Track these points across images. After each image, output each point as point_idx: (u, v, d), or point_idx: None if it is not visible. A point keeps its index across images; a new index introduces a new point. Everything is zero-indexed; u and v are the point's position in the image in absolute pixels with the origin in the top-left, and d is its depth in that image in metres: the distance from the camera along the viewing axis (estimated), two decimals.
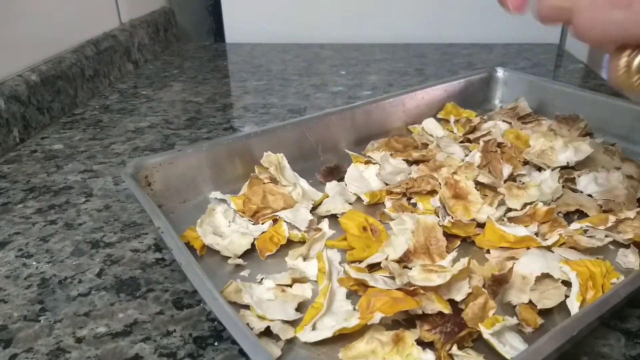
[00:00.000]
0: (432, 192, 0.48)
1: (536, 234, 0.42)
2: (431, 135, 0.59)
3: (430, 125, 0.61)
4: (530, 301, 0.36)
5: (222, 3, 1.11)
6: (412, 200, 0.48)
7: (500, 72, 0.71)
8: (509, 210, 0.46)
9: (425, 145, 0.56)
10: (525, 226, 0.42)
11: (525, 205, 0.45)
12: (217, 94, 0.81)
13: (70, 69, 0.75)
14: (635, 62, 0.29)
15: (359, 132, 0.59)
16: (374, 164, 0.53)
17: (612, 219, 0.41)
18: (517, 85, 0.69)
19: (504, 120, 0.61)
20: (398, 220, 0.43)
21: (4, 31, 0.66)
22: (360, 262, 0.39)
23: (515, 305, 0.35)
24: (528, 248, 0.40)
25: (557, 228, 0.42)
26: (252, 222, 0.45)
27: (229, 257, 0.41)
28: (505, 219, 0.45)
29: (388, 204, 0.48)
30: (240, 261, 0.41)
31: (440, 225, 0.42)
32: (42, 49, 0.73)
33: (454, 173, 0.49)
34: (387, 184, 0.50)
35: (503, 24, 1.06)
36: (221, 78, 0.89)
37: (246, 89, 0.83)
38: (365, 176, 0.52)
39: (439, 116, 0.65)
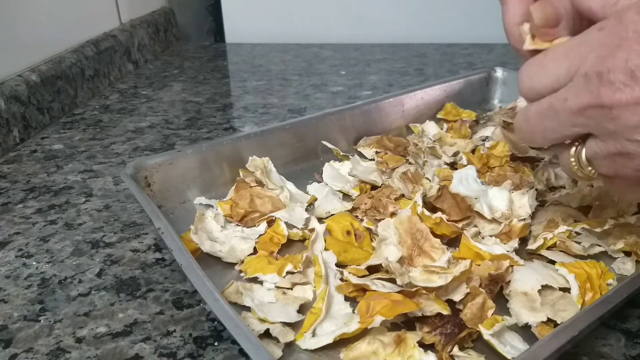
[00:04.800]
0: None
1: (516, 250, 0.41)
2: (430, 139, 0.59)
3: (430, 129, 0.61)
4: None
5: (222, 3, 1.11)
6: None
7: (499, 72, 0.71)
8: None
9: (416, 146, 0.56)
10: (503, 242, 0.41)
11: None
12: (217, 94, 0.81)
13: (70, 69, 0.75)
14: (582, 157, 0.31)
15: (359, 132, 0.59)
16: (348, 159, 0.55)
17: (610, 222, 0.41)
18: (517, 85, 0.68)
19: (504, 120, 0.61)
20: (382, 227, 0.41)
21: (4, 31, 0.66)
22: (358, 265, 0.39)
23: (532, 326, 0.34)
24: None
25: (550, 229, 0.42)
26: (241, 226, 0.45)
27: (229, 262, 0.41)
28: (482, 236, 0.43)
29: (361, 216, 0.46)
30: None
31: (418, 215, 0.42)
32: (42, 49, 0.73)
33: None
34: (362, 181, 0.51)
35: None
36: (221, 78, 0.89)
37: (246, 89, 0.83)
38: (342, 173, 0.53)
39: (438, 116, 0.65)
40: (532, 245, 0.41)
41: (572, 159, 0.32)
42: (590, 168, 0.32)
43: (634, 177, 0.30)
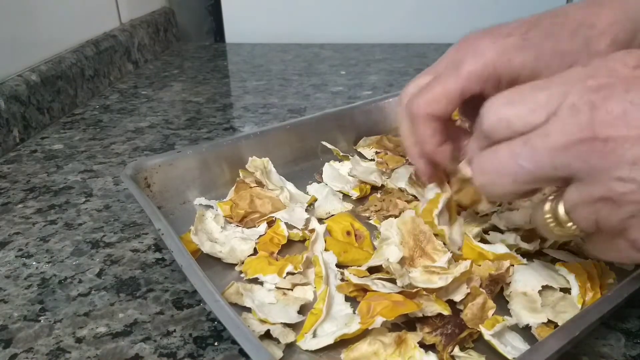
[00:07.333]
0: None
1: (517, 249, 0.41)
2: None
3: None
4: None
5: (222, 3, 1.11)
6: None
7: None
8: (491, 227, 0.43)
9: None
10: (525, 241, 0.40)
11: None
12: (217, 94, 0.81)
13: (70, 69, 0.75)
14: (560, 211, 0.28)
15: (359, 132, 0.59)
16: (348, 159, 0.55)
17: None
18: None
19: None
20: (385, 227, 0.41)
21: (4, 31, 0.66)
22: (359, 265, 0.39)
23: (532, 327, 0.34)
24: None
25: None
26: (241, 227, 0.45)
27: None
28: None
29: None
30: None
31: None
32: (42, 49, 0.73)
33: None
34: (362, 182, 0.51)
35: None
36: (221, 78, 0.89)
37: (246, 89, 0.83)
38: (342, 173, 0.53)
39: None
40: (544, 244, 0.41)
41: (548, 215, 0.29)
42: (570, 224, 0.28)
43: (616, 229, 0.27)
